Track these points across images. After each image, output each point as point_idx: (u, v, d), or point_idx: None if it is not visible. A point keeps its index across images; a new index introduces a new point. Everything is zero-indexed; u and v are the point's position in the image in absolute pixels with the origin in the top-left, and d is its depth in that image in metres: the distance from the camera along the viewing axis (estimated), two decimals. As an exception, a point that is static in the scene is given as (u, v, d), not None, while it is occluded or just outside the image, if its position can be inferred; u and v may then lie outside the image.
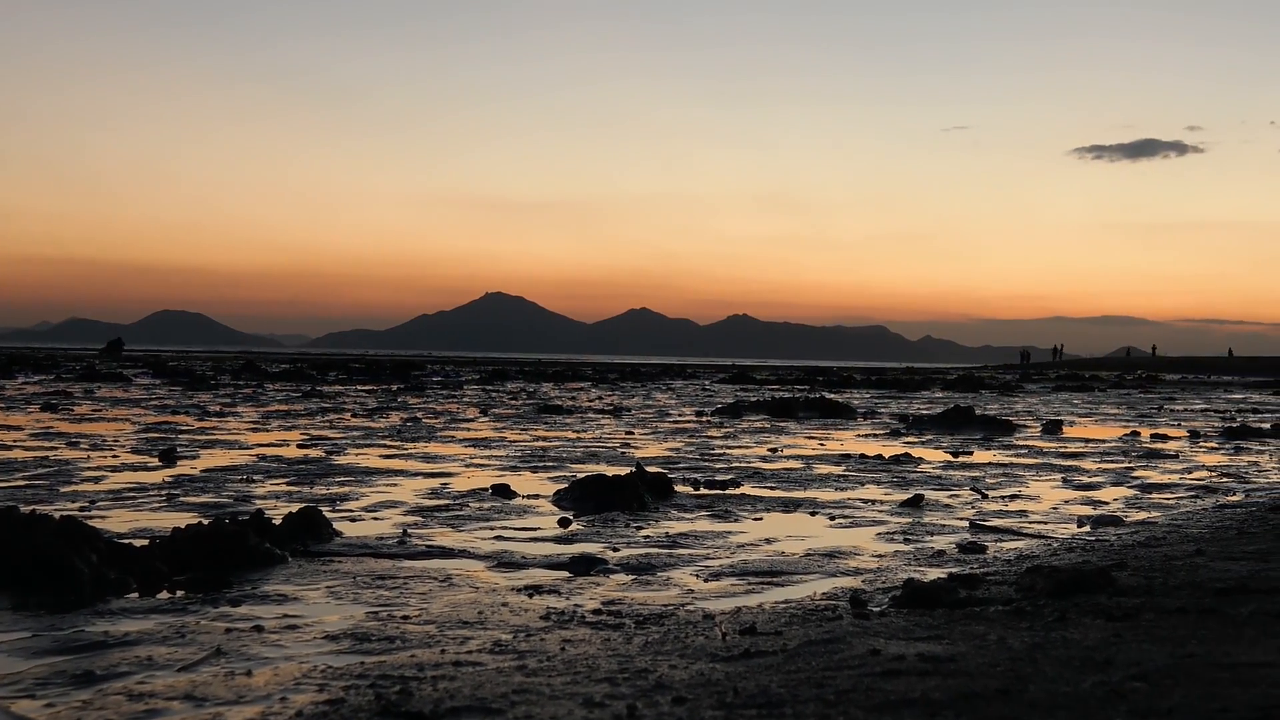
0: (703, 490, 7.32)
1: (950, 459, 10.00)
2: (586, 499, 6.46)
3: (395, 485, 7.32)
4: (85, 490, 6.71)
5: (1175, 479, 8.64)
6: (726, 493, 7.22)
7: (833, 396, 21.03)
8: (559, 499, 6.64)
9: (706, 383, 34.96)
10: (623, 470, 7.05)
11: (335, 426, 12.73)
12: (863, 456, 9.98)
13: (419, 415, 15.06)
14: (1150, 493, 7.74)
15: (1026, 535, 5.71)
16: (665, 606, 3.84)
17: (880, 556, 4.98)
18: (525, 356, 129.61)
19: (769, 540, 5.39)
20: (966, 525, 5.97)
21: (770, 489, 7.48)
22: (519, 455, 9.67)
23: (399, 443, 10.66)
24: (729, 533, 5.62)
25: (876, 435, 13.17)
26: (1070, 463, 9.88)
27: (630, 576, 4.44)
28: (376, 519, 5.85)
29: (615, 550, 5.02)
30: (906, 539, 5.50)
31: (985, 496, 7.27)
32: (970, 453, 10.71)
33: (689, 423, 15.01)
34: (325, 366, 39.10)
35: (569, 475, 7.90)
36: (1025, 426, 15.08)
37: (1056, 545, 5.31)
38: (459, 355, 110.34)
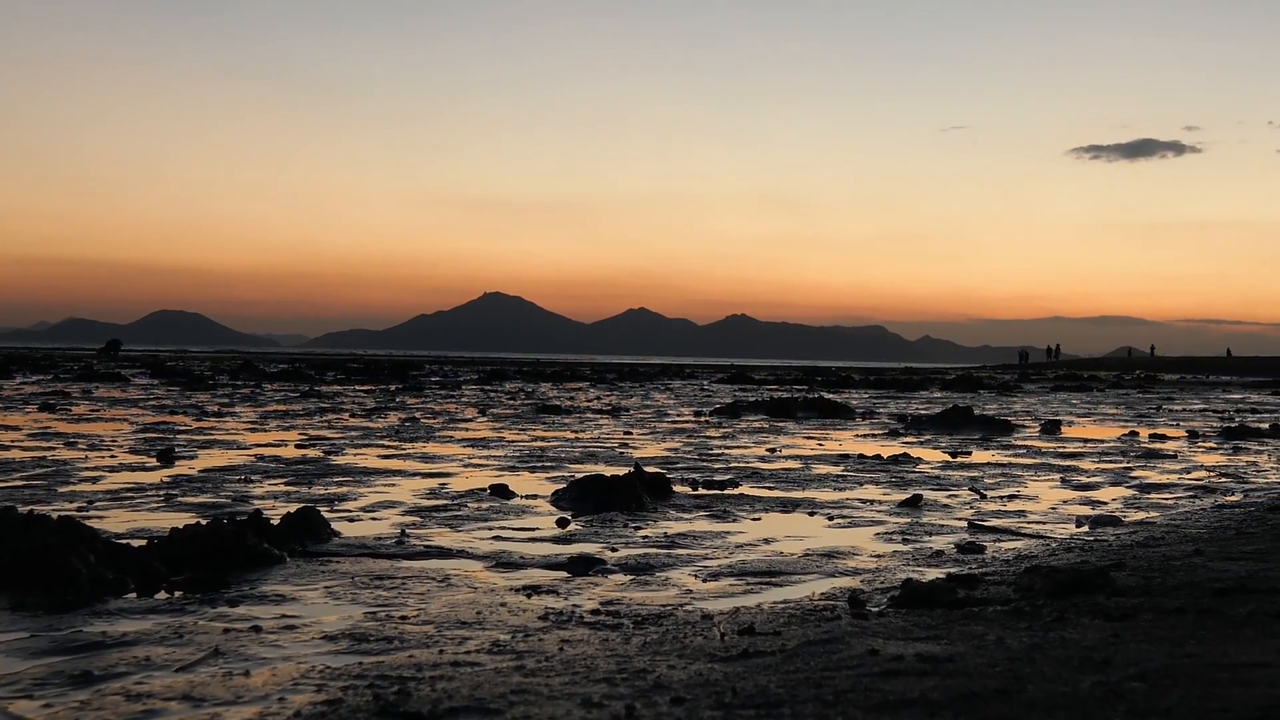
0: (701, 490, 7.32)
1: (949, 459, 10.00)
2: (585, 499, 6.45)
3: (393, 485, 7.32)
4: (83, 490, 6.71)
5: (1174, 479, 8.64)
6: (725, 493, 7.22)
7: (831, 397, 21.03)
8: (557, 499, 6.64)
9: (705, 383, 34.97)
10: (621, 470, 7.05)
11: (333, 426, 12.72)
12: (861, 456, 9.98)
13: (417, 415, 15.06)
14: (1149, 493, 7.74)
15: (1025, 535, 5.71)
16: (664, 607, 3.84)
17: (879, 557, 4.98)
18: (523, 356, 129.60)
19: (767, 540, 5.39)
20: (965, 525, 5.97)
21: (769, 489, 7.48)
22: (517, 455, 9.66)
23: (397, 443, 10.66)
24: (727, 533, 5.62)
25: (875, 435, 13.17)
26: (1069, 463, 9.88)
27: (628, 577, 4.44)
28: (375, 519, 5.84)
29: (613, 550, 5.02)
30: (905, 539, 5.50)
31: (984, 496, 7.27)
32: (969, 453, 10.72)
33: (687, 423, 15.01)
34: (323, 366, 39.11)
35: (567, 475, 7.90)
36: (1024, 426, 15.09)
37: (1055, 545, 5.31)
38: (457, 355, 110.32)
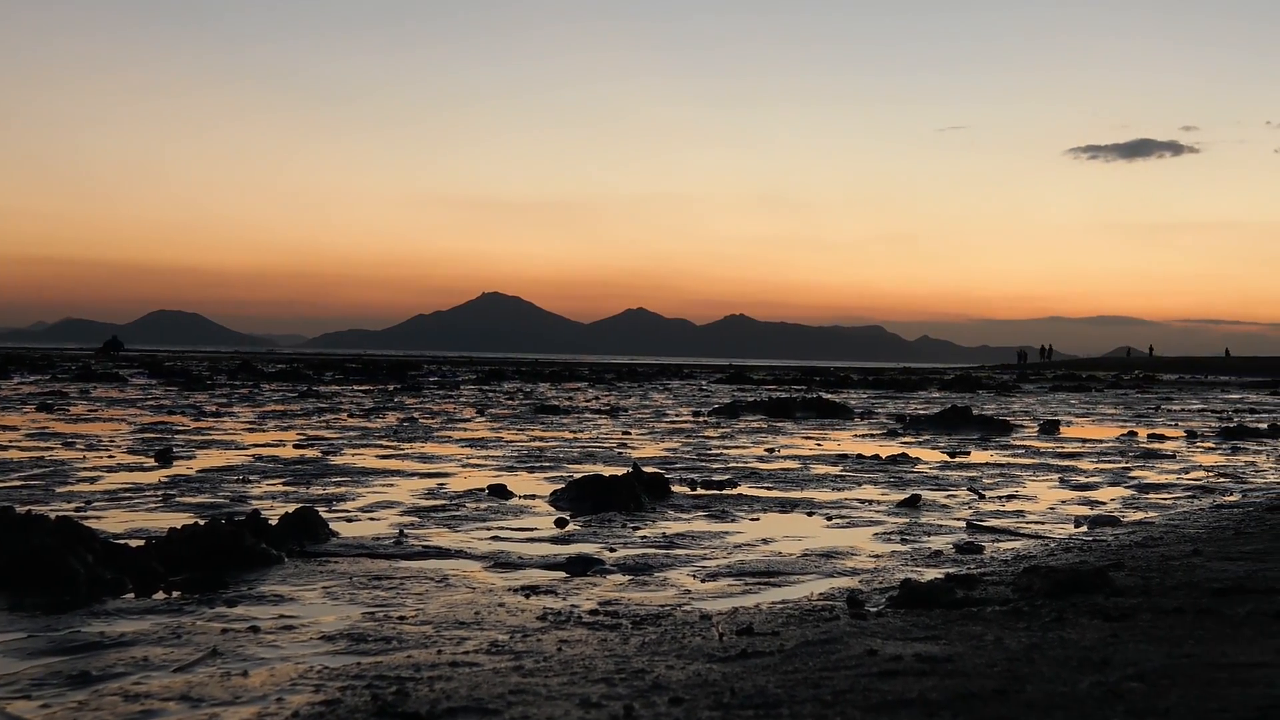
0: (700, 490, 7.32)
1: (947, 459, 10.00)
2: (583, 499, 6.45)
3: (392, 485, 7.31)
4: (81, 491, 6.70)
5: (1172, 479, 8.64)
6: (723, 493, 7.22)
7: (830, 397, 21.03)
8: (556, 499, 6.64)
9: (703, 383, 34.96)
10: (619, 470, 7.05)
11: (332, 427, 12.72)
12: (860, 457, 9.98)
13: (416, 415, 15.05)
14: (1147, 493, 7.74)
15: (1023, 535, 5.71)
16: (662, 607, 3.84)
17: (877, 557, 4.98)
18: (522, 356, 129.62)
19: (766, 540, 5.39)
20: (963, 525, 5.97)
21: (767, 489, 7.48)
22: (516, 455, 9.66)
23: (395, 443, 10.66)
24: (726, 533, 5.62)
25: (873, 435, 13.17)
26: (1067, 463, 9.88)
27: (627, 577, 4.44)
28: (373, 519, 5.84)
29: (612, 551, 5.02)
30: (903, 539, 5.50)
31: (982, 497, 7.27)
32: (967, 453, 10.72)
33: (686, 423, 15.01)
34: (322, 366, 39.10)
35: (566, 475, 7.89)
36: (1022, 426, 15.09)
37: (1053, 545, 5.31)
38: (455, 355, 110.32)
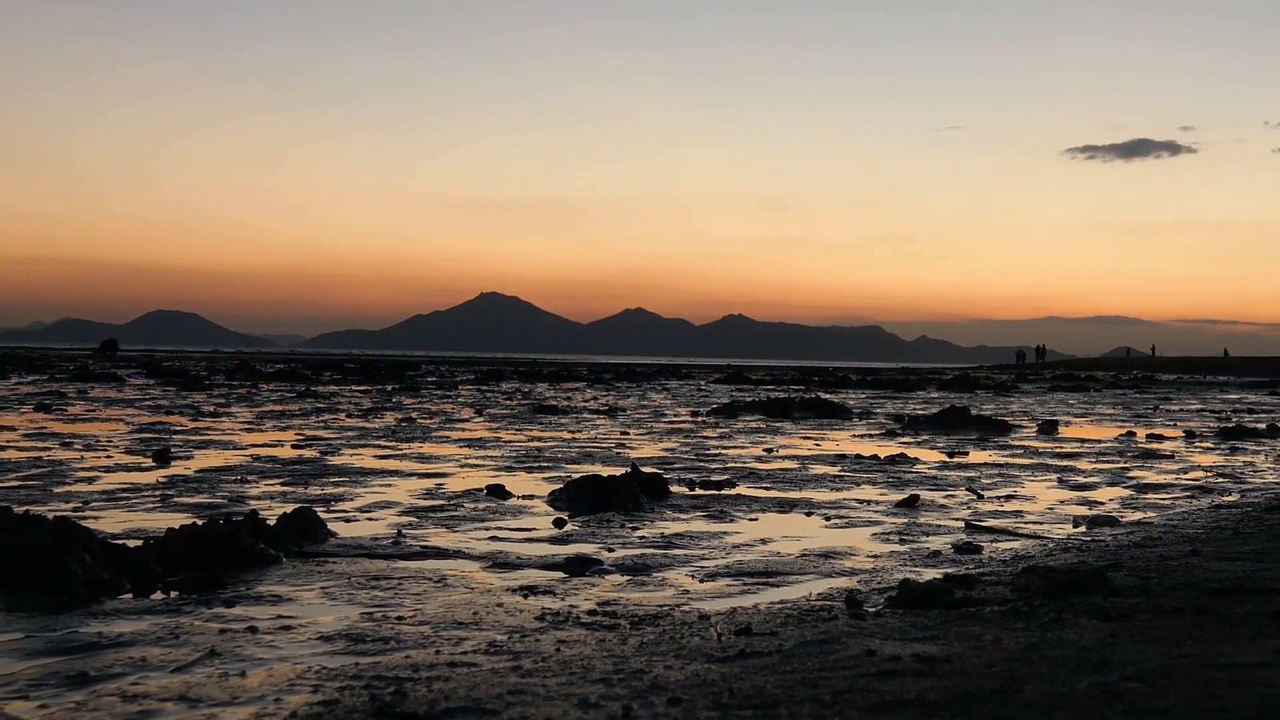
0: (698, 491, 7.31)
1: (946, 459, 10.00)
2: (581, 499, 6.45)
3: (390, 486, 7.31)
4: (79, 491, 6.70)
5: (1171, 479, 8.64)
6: (722, 493, 7.22)
7: (828, 397, 21.03)
8: (554, 499, 6.63)
9: (702, 383, 34.96)
10: (618, 470, 7.04)
11: (330, 427, 12.71)
12: (858, 457, 9.98)
13: (414, 415, 15.05)
14: (1146, 493, 7.74)
15: (1022, 535, 5.71)
16: (661, 607, 3.83)
17: (876, 557, 4.97)
18: (520, 357, 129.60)
19: (764, 541, 5.39)
20: (962, 526, 5.97)
21: (766, 489, 7.47)
22: (514, 455, 9.66)
23: (394, 443, 10.65)
24: (724, 533, 5.61)
25: (872, 435, 13.17)
26: (1066, 463, 9.88)
27: (625, 577, 4.43)
28: (371, 519, 5.84)
29: (610, 551, 5.01)
30: (902, 539, 5.50)
31: (981, 497, 7.27)
32: (966, 453, 10.72)
33: (684, 423, 15.01)
34: (320, 366, 39.09)
35: (564, 476, 7.89)
36: (1021, 427, 15.09)
37: (1052, 545, 5.31)
38: (454, 355, 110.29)
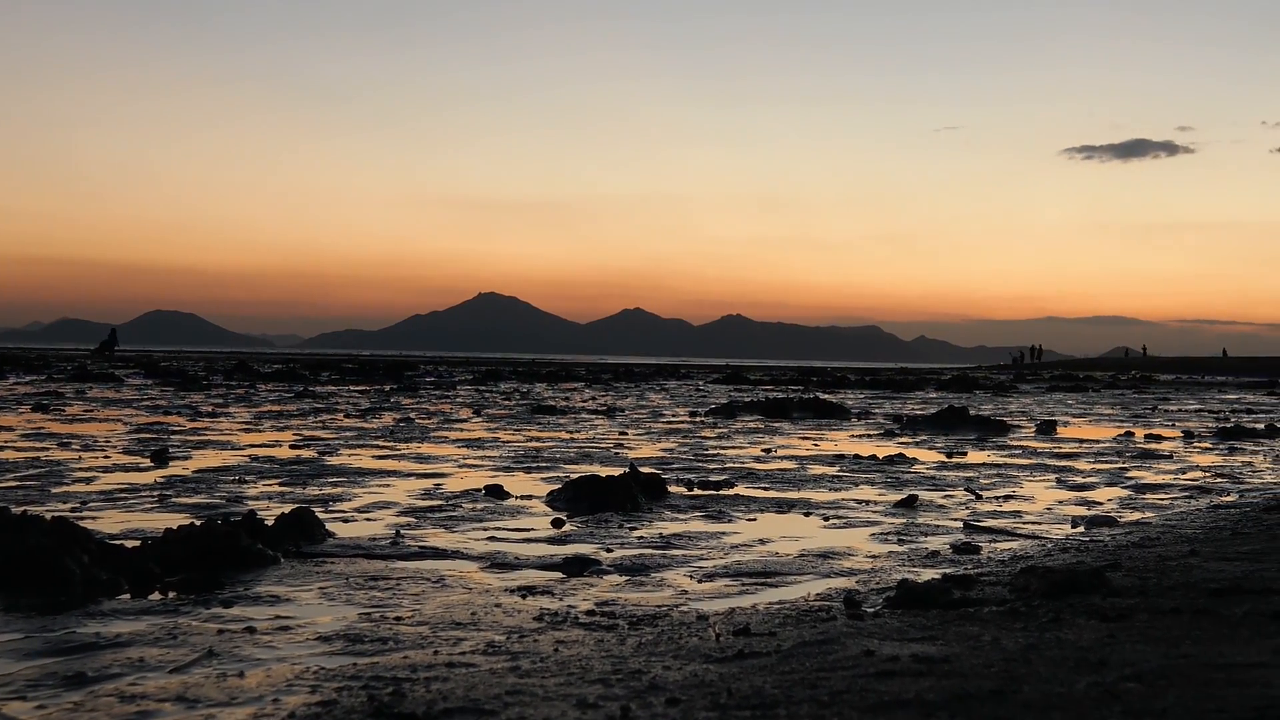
0: (696, 491, 7.31)
1: (944, 459, 10.00)
2: (580, 500, 6.45)
3: (388, 486, 7.30)
4: (77, 491, 6.69)
5: (1169, 479, 8.64)
6: (720, 493, 7.21)
7: (827, 397, 21.04)
8: (552, 500, 6.63)
9: (700, 383, 34.96)
10: (616, 471, 7.04)
11: (328, 427, 12.70)
12: (857, 457, 9.97)
13: (412, 416, 15.04)
14: (1144, 493, 7.74)
15: (1020, 536, 5.71)
16: (659, 607, 3.83)
17: (874, 557, 4.97)
18: (518, 357, 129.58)
19: (763, 541, 5.38)
20: (960, 526, 5.97)
21: (764, 489, 7.47)
22: (512, 456, 9.65)
23: (392, 443, 10.65)
24: (723, 533, 5.61)
25: (871, 436, 13.17)
26: (1064, 463, 9.88)
27: (624, 577, 4.43)
28: (369, 520, 5.83)
29: (609, 551, 5.01)
30: (900, 540, 5.49)
31: (979, 497, 7.27)
32: (964, 453, 10.72)
33: (683, 423, 15.00)
34: (318, 367, 39.08)
35: (562, 476, 7.89)
36: (1019, 427, 15.09)
37: (1051, 546, 5.31)
38: (452, 355, 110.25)
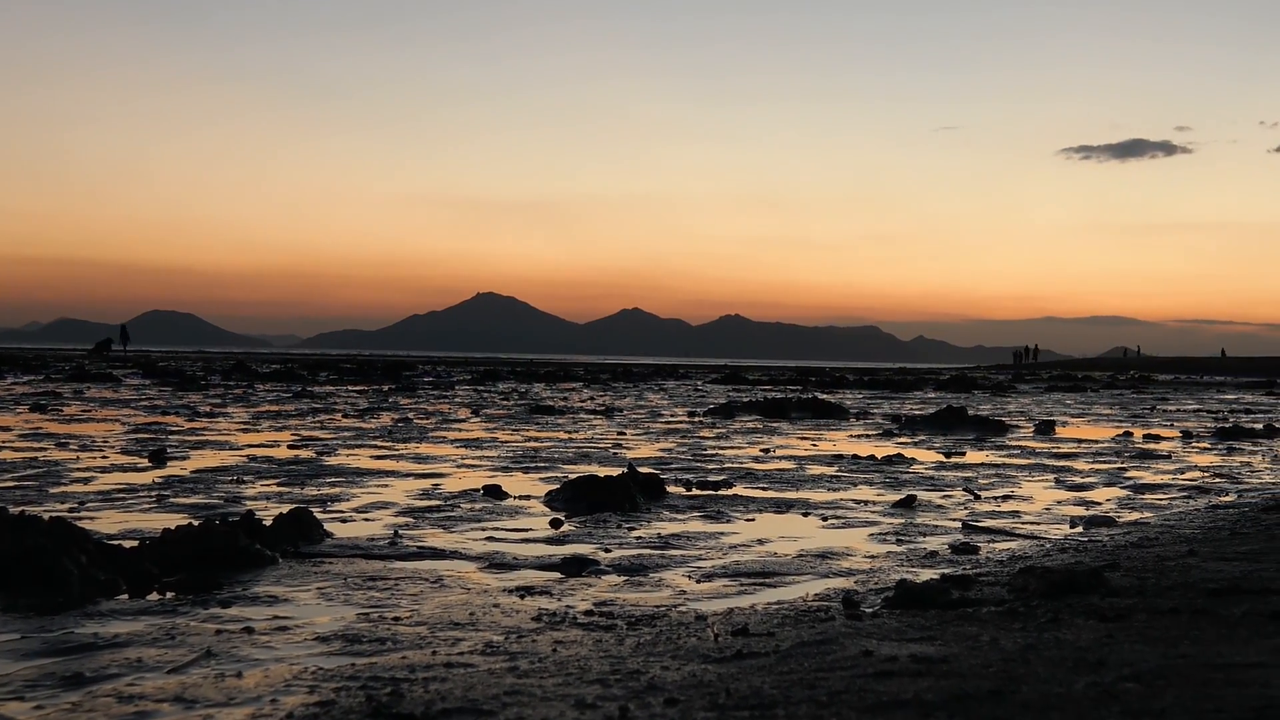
0: (695, 491, 7.31)
1: (943, 460, 10.00)
2: (578, 500, 6.44)
3: (386, 486, 7.30)
4: (74, 491, 6.68)
5: (1168, 479, 8.64)
6: (719, 493, 7.21)
7: (825, 397, 21.04)
8: (551, 500, 6.63)
9: (699, 383, 34.95)
10: (615, 471, 7.04)
11: (326, 427, 12.70)
12: (855, 457, 9.97)
13: (410, 416, 15.04)
14: (1143, 493, 7.74)
15: (1019, 536, 5.71)
16: (657, 607, 3.83)
17: (873, 557, 4.97)
18: (517, 357, 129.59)
19: (761, 541, 5.38)
20: (959, 526, 5.97)
21: (763, 490, 7.47)
22: (510, 456, 9.65)
23: (390, 443, 10.64)
24: (721, 533, 5.61)
25: (869, 436, 13.17)
26: (1063, 463, 9.88)
27: (622, 577, 4.43)
28: (368, 520, 5.83)
29: (607, 551, 5.01)
30: (899, 540, 5.49)
31: (978, 497, 7.27)
32: (963, 453, 10.72)
33: (681, 423, 15.00)
34: (316, 367, 39.07)
35: (561, 476, 7.89)
36: (1018, 427, 15.10)
37: (1049, 546, 5.31)
38: (450, 355, 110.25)
